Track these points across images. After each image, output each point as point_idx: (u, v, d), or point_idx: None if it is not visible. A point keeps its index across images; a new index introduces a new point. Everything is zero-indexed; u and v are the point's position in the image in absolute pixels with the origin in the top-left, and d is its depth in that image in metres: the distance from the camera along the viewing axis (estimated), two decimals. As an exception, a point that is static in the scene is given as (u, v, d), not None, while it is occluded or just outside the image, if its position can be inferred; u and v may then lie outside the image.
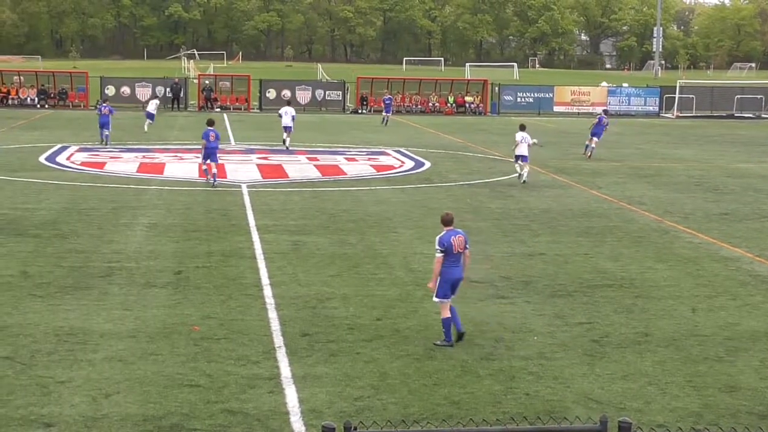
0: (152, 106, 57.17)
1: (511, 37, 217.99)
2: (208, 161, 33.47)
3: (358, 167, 40.50)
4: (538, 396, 13.64)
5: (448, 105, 79.52)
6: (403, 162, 42.43)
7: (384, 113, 65.19)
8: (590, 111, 77.60)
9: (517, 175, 35.81)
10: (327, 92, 78.75)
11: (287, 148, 45.98)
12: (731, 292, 19.92)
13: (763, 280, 21.13)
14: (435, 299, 16.14)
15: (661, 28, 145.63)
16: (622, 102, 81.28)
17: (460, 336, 15.91)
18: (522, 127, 35.69)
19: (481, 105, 79.63)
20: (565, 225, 27.36)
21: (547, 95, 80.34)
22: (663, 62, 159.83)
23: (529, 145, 35.19)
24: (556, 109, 78.79)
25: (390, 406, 13.10)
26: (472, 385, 14.03)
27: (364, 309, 17.98)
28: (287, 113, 46.74)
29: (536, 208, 30.06)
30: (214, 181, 33.34)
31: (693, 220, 28.58)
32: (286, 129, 46.35)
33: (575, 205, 30.98)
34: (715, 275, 21.46)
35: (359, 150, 47.32)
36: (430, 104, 79.44)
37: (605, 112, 50.16)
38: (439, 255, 15.95)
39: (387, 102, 65.93)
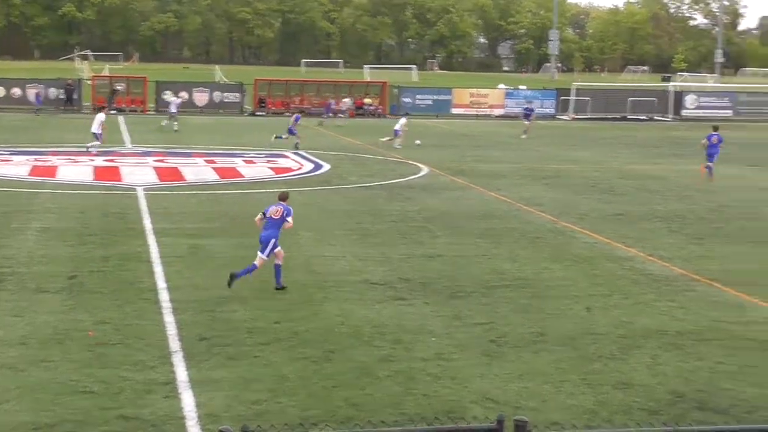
0: (173, 107, 57.67)
1: (410, 40, 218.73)
2: None
3: (256, 170, 40.30)
4: (436, 396, 13.70)
5: (331, 104, 79.35)
6: (301, 164, 42.32)
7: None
8: (488, 113, 78.24)
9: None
10: (225, 94, 78.12)
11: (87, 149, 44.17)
12: (625, 291, 20.24)
13: (655, 278, 21.50)
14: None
15: (557, 32, 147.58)
16: (520, 104, 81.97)
17: (230, 278, 19.15)
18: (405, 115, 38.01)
19: (380, 107, 79.72)
20: (464, 226, 27.53)
21: (445, 97, 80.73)
22: (559, 65, 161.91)
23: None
24: (454, 111, 79.14)
25: (288, 410, 13.06)
26: (371, 386, 14.04)
27: (263, 312, 17.90)
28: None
29: (435, 210, 30.21)
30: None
31: (588, 220, 28.97)
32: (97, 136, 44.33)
33: (474, 206, 31.20)
34: (609, 275, 21.78)
35: (257, 152, 47.08)
36: (330, 106, 79.28)
37: (715, 129, 42.62)
38: (258, 217, 20.17)
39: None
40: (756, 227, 28.51)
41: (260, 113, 76.20)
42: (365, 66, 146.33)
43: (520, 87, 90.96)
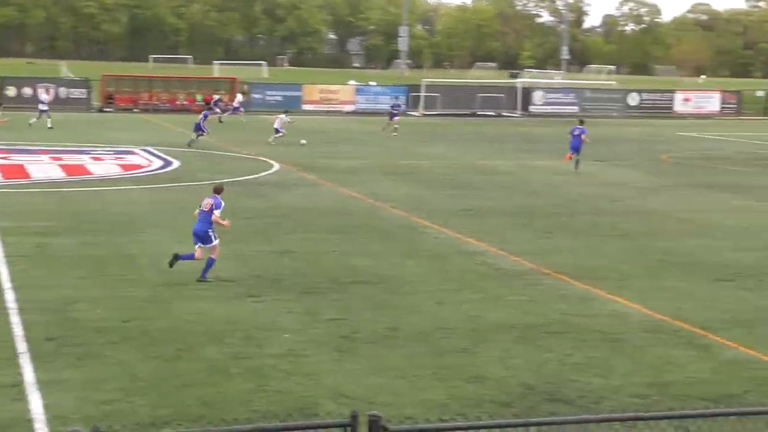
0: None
1: (259, 36, 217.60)
2: None
3: (104, 167, 39.59)
4: (289, 393, 13.66)
5: (197, 103, 78.65)
6: (151, 161, 41.73)
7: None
8: (339, 109, 78.34)
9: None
10: (71, 90, 76.49)
11: None
12: (476, 286, 20.49)
13: (505, 273, 21.82)
14: None
15: (406, 28, 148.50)
16: (370, 100, 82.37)
17: (173, 258, 20.16)
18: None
19: (230, 103, 79.15)
20: (316, 223, 27.52)
21: (295, 94, 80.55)
22: (409, 61, 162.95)
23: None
24: (305, 107, 78.98)
25: (139, 409, 12.87)
26: (223, 384, 13.93)
27: (113, 311, 17.60)
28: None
29: (287, 207, 30.13)
30: None
31: (440, 216, 29.23)
32: None
33: (326, 202, 31.21)
34: (460, 269, 22.02)
35: (105, 149, 46.26)
36: (178, 102, 78.42)
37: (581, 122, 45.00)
38: (195, 211, 20.66)
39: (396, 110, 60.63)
40: (602, 221, 29.18)
41: (108, 110, 74.90)
42: (215, 62, 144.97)
43: (371, 83, 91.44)
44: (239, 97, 73.14)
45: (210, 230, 20.16)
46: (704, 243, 26.01)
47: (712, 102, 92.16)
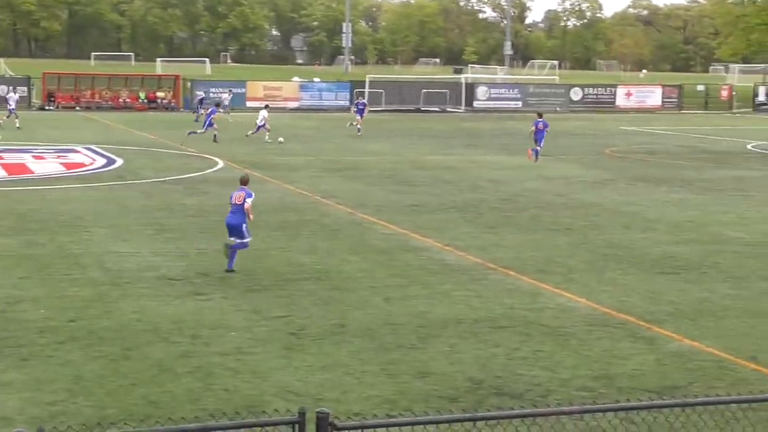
0: (12, 103, 53.69)
1: (202, 32, 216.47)
2: None
3: (46, 165, 39.23)
4: (237, 391, 13.61)
5: (139, 101, 78.21)
6: (94, 159, 41.40)
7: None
8: (283, 106, 78.14)
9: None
10: (10, 88, 75.69)
11: None
12: (422, 281, 20.51)
13: (452, 268, 21.87)
14: None
15: (350, 24, 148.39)
16: (314, 96, 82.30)
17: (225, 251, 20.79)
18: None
19: (174, 101, 78.79)
20: (261, 220, 27.36)
21: (239, 90, 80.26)
22: (353, 57, 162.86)
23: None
24: (249, 104, 78.78)
25: (85, 410, 12.76)
26: (170, 383, 13.85)
27: (57, 311, 17.43)
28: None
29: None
30: None
31: (385, 212, 29.26)
32: None
33: (270, 199, 31.10)
34: (406, 265, 22.04)
35: (47, 147, 45.81)
36: (121, 100, 77.88)
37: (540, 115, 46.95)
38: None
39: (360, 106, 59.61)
40: (547, 216, 29.33)
41: (49, 108, 74.24)
42: (158, 59, 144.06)
43: (315, 80, 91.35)
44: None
45: (244, 224, 20.92)
46: (647, 236, 26.24)
47: (654, 96, 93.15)
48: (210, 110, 51.47)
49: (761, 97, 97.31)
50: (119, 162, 40.39)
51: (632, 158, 47.21)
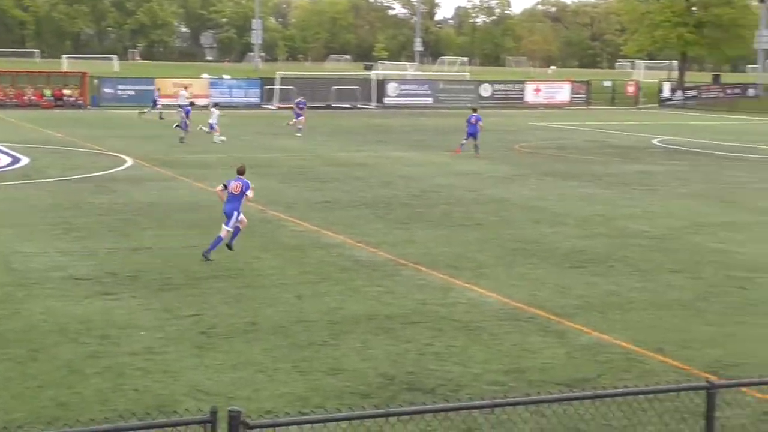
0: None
1: (109, 29, 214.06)
2: None
3: (-51, 164, 38.47)
4: (147, 391, 13.47)
5: (45, 98, 77.01)
6: (-1, 158, 40.70)
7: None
8: (202, 103, 77.41)
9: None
10: None
11: None
12: (334, 278, 20.50)
13: (363, 264, 21.88)
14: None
15: (260, 21, 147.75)
16: (224, 93, 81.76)
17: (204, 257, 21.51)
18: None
19: (81, 98, 77.74)
20: (172, 218, 27.22)
21: (148, 88, 79.40)
22: (263, 54, 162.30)
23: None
24: (160, 101, 77.93)
25: (-9, 413, 12.53)
26: (79, 384, 13.66)
27: (-39, 313, 17.09)
28: None
29: (142, 202, 29.71)
30: None
31: (296, 209, 29.19)
32: None
33: (181, 197, 30.88)
34: (318, 262, 22.01)
35: (-49, 146, 44.92)
36: (26, 98, 76.61)
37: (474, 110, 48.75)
38: (219, 187, 22.25)
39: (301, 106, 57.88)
40: (458, 211, 29.49)
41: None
42: (63, 56, 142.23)
43: (224, 76, 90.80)
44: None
45: (236, 211, 21.85)
46: (556, 230, 26.52)
47: (562, 92, 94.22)
48: (185, 110, 50.76)
49: (666, 93, 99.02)
50: (25, 161, 39.76)
51: (542, 154, 47.68)
